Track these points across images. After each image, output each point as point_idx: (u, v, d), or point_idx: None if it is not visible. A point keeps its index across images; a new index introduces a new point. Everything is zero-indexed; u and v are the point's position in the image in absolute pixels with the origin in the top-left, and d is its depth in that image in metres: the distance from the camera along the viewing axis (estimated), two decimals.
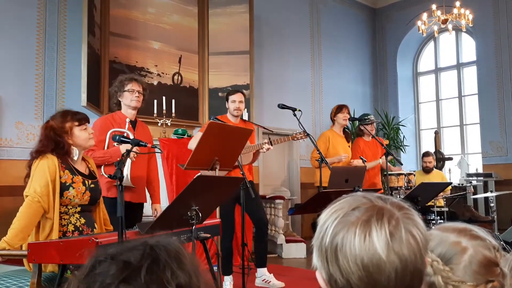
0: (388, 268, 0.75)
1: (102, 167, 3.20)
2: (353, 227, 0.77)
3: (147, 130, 3.67)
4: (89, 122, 2.70)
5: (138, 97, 3.45)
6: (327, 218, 0.82)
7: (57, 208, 2.47)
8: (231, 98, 4.24)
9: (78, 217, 2.58)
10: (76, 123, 2.61)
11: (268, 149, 4.04)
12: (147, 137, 3.54)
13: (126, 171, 3.15)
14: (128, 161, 3.16)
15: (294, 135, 4.11)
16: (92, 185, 2.64)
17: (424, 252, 0.79)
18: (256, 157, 4.21)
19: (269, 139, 4.04)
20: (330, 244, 0.79)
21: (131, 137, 3.28)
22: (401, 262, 0.75)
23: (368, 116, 5.44)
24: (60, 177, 2.50)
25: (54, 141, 2.53)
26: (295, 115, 3.92)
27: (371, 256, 0.75)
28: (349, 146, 5.09)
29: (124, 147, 3.12)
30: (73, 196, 2.53)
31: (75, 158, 2.61)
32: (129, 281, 0.63)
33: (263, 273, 4.18)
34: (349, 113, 5.06)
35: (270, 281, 4.18)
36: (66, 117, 2.61)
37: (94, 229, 2.65)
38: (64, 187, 2.50)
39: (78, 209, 2.58)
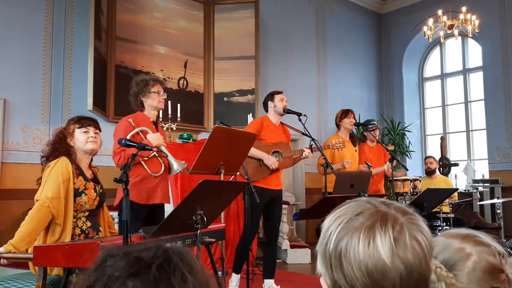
0: (393, 274, 0.74)
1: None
2: (357, 233, 0.77)
3: (164, 133, 3.67)
4: (94, 127, 2.70)
5: (164, 99, 3.48)
6: (331, 224, 0.82)
7: (70, 215, 2.48)
8: (279, 96, 4.20)
9: (85, 221, 2.59)
10: (78, 125, 2.65)
11: (308, 155, 4.08)
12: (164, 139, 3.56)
13: (174, 162, 3.16)
14: (168, 153, 3.18)
15: (334, 143, 4.28)
16: (100, 190, 2.67)
17: (429, 258, 0.78)
18: (295, 162, 4.25)
19: (311, 145, 4.05)
20: (334, 250, 0.78)
21: (153, 134, 3.29)
22: (406, 268, 0.74)
23: (372, 122, 5.42)
24: (74, 183, 2.51)
25: (58, 144, 2.57)
26: (300, 120, 3.93)
27: (375, 262, 0.74)
28: (356, 151, 5.06)
29: (153, 138, 3.14)
30: (85, 202, 2.56)
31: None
32: (138, 276, 0.62)
33: (270, 285, 4.14)
34: (354, 118, 5.04)
35: None
36: (74, 120, 2.69)
37: (100, 233, 2.66)
38: (77, 193, 2.52)
39: (86, 213, 2.61)
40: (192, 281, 0.64)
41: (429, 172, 6.28)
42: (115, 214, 4.36)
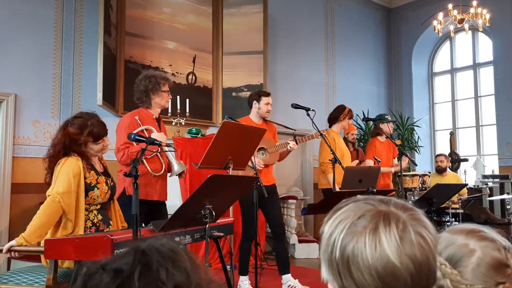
0: (404, 273, 0.73)
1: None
2: (362, 237, 0.75)
3: (164, 128, 3.71)
4: (106, 132, 2.69)
5: (170, 97, 3.59)
6: (333, 230, 0.80)
7: (82, 210, 2.51)
8: (266, 99, 4.20)
9: (96, 214, 2.63)
10: (91, 139, 2.60)
11: (293, 147, 4.08)
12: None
13: (175, 162, 3.20)
14: (170, 154, 3.21)
15: (316, 133, 4.16)
16: (111, 183, 2.71)
17: (436, 251, 0.78)
18: (283, 156, 4.24)
19: (294, 137, 4.07)
20: (340, 257, 0.77)
21: (157, 133, 3.33)
22: (415, 266, 0.74)
23: (387, 116, 5.40)
24: (85, 178, 2.55)
25: (68, 148, 2.58)
26: (308, 115, 3.92)
27: (384, 264, 0.73)
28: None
29: (158, 136, 3.18)
30: (97, 196, 2.60)
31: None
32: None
33: (288, 279, 4.11)
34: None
35: (295, 287, 4.10)
36: (83, 130, 2.58)
37: (110, 226, 2.70)
38: (89, 188, 2.56)
39: (98, 206, 2.65)
40: (178, 275, 0.64)
41: (440, 170, 6.25)
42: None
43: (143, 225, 2.46)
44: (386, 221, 0.76)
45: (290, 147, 4.07)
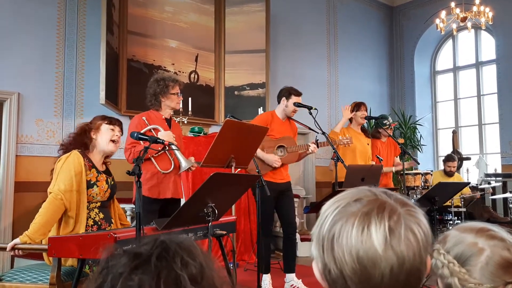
0: (384, 264, 0.74)
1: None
2: (352, 218, 0.77)
3: (179, 128, 3.79)
4: (121, 127, 2.79)
5: (180, 99, 3.63)
6: (328, 207, 0.82)
7: (84, 207, 2.53)
8: (296, 99, 4.11)
9: (97, 212, 2.64)
10: (106, 122, 2.73)
11: (313, 150, 4.01)
12: (179, 134, 3.65)
13: (182, 159, 3.23)
14: (177, 151, 3.24)
15: (340, 139, 4.16)
16: (112, 182, 2.72)
17: (424, 252, 0.77)
18: (301, 157, 4.19)
19: (317, 140, 4.00)
20: (327, 232, 0.78)
21: (163, 131, 3.37)
22: (398, 260, 0.74)
23: (385, 121, 5.32)
24: (86, 175, 2.56)
25: (80, 136, 2.67)
26: (310, 113, 3.91)
27: (367, 249, 0.74)
28: (368, 144, 4.97)
29: (163, 136, 3.22)
30: (96, 194, 2.61)
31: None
32: (140, 268, 0.65)
33: (291, 279, 4.12)
34: (366, 111, 4.97)
35: (298, 287, 4.10)
36: (101, 117, 2.79)
37: (112, 224, 2.71)
38: (89, 185, 2.58)
39: (98, 204, 2.66)
40: (193, 264, 0.67)
41: (450, 174, 6.22)
42: (132, 207, 4.42)
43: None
44: (381, 209, 0.77)
45: (310, 150, 4.00)
